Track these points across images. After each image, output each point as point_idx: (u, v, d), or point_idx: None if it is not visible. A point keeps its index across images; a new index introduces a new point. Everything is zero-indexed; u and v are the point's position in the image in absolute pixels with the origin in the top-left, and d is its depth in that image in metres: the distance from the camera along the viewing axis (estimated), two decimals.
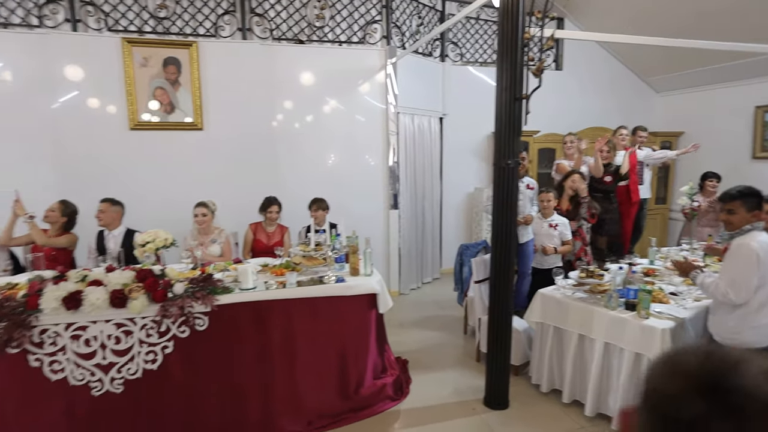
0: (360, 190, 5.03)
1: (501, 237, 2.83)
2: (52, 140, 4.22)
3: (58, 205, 3.52)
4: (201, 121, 4.52)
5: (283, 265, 3.02)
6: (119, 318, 2.41)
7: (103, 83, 4.26)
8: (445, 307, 4.99)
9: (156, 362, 2.49)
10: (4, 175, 4.12)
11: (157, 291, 2.43)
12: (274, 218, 3.91)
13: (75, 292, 2.32)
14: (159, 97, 4.40)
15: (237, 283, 2.74)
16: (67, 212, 3.54)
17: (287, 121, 4.83)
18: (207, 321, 2.52)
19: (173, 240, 2.84)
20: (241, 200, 4.37)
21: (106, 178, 4.25)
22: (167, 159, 4.48)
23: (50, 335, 2.33)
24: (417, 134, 5.45)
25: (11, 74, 4.12)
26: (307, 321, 2.74)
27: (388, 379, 3.10)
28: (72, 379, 2.39)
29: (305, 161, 4.92)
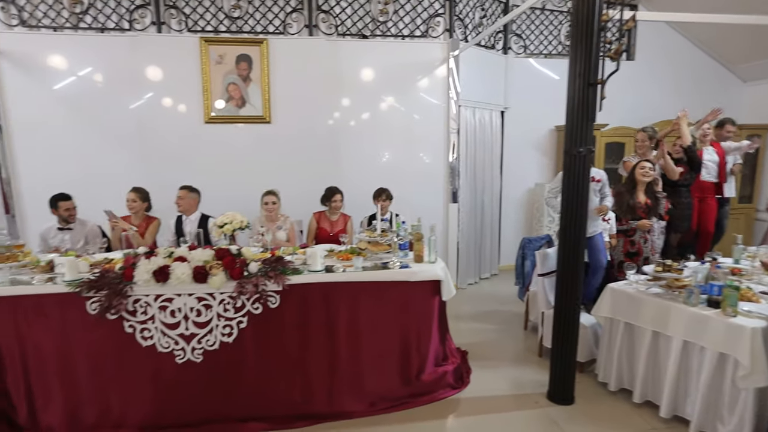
0: (419, 183, 5.05)
1: (569, 228, 2.75)
2: (137, 134, 4.60)
3: (134, 194, 3.82)
4: (269, 114, 4.74)
5: (349, 250, 3.11)
6: (200, 292, 2.59)
7: (182, 80, 4.58)
8: (503, 302, 4.91)
9: (232, 336, 2.65)
10: (94, 166, 4.56)
11: (235, 269, 2.59)
12: (338, 207, 4.03)
13: (164, 266, 2.52)
14: (232, 92, 4.66)
15: (306, 265, 2.85)
16: (145, 197, 3.86)
17: (349, 114, 4.94)
18: (278, 299, 2.66)
19: (248, 223, 3.02)
20: (303, 191, 4.53)
21: (182, 167, 4.56)
22: (237, 150, 4.74)
23: (142, 305, 2.55)
24: (478, 128, 5.39)
25: (104, 74, 4.53)
26: (371, 305, 2.81)
27: (449, 367, 3.10)
28: (159, 346, 2.60)
29: (365, 154, 5.02)
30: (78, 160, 4.56)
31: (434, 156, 5.12)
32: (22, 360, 2.56)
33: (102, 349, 2.58)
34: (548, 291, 3.52)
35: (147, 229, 3.79)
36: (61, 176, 4.35)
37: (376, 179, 4.47)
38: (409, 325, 2.90)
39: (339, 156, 4.91)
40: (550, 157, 6.07)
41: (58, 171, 4.47)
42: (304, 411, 2.79)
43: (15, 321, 2.52)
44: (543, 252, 3.54)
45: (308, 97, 4.77)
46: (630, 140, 5.58)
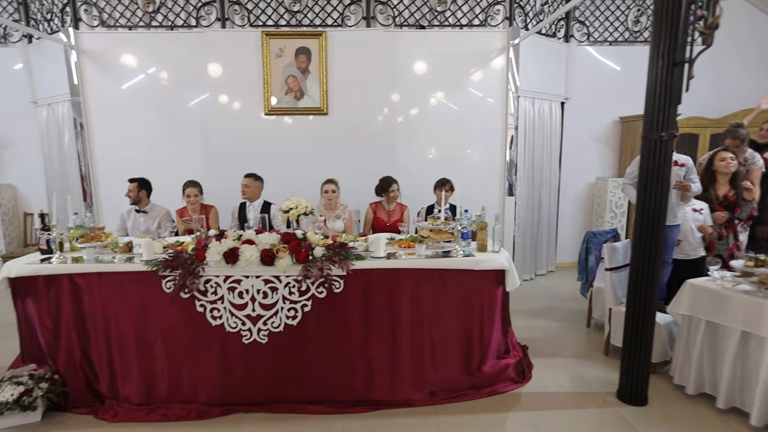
0: (475, 175, 4.95)
1: (648, 218, 2.59)
2: (200, 125, 4.79)
3: (195, 189, 3.95)
4: (326, 106, 4.79)
5: (410, 238, 3.08)
6: (267, 275, 2.65)
7: (243, 74, 4.71)
8: (562, 299, 4.73)
9: (296, 318, 2.70)
10: (161, 157, 4.80)
11: (300, 253, 2.62)
12: (395, 196, 4.02)
13: (233, 248, 2.60)
14: (291, 84, 4.75)
15: (368, 252, 2.86)
16: (201, 190, 4.00)
17: (405, 106, 4.91)
18: (342, 284, 2.67)
19: (312, 208, 3.07)
20: (359, 182, 4.56)
21: (242, 158, 4.70)
22: (295, 141, 4.83)
23: (212, 285, 2.65)
24: (537, 119, 5.21)
25: (172, 70, 4.75)
26: (434, 292, 2.77)
27: (511, 361, 3.01)
28: (227, 326, 2.69)
29: (421, 146, 4.98)
30: (147, 152, 4.81)
31: (491, 148, 5.00)
32: (105, 333, 2.73)
33: (175, 326, 2.70)
34: (617, 287, 3.34)
35: (208, 219, 3.92)
36: (132, 166, 4.61)
37: (432, 171, 4.42)
38: (471, 314, 2.84)
39: (394, 147, 4.90)
40: (613, 150, 5.78)
41: (129, 161, 4.73)
42: (365, 397, 2.80)
43: (100, 296, 2.69)
44: (611, 246, 3.37)
45: (365, 89, 4.78)
46: (704, 131, 5.22)
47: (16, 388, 2.58)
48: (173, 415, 2.70)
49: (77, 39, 4.65)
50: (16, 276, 2.71)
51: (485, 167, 4.99)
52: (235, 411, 2.74)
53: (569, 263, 5.95)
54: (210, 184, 4.66)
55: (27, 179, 5.54)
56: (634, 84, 5.40)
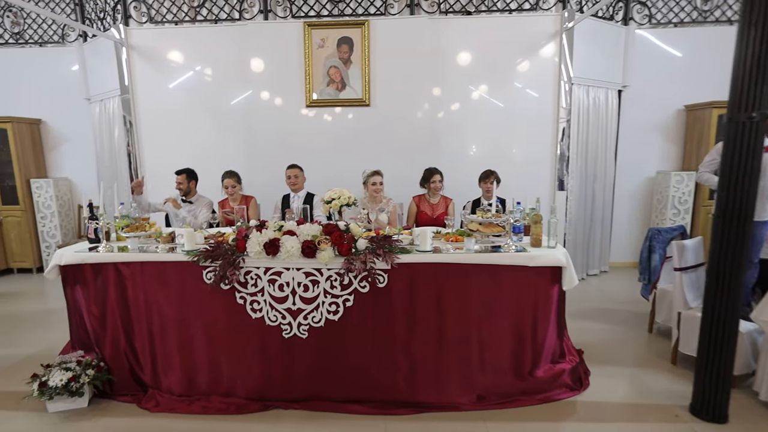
0: (523, 168, 4.69)
1: (731, 212, 2.28)
2: (243, 120, 4.79)
3: (233, 180, 3.92)
4: (368, 97, 4.67)
5: (458, 232, 2.90)
6: (308, 267, 2.55)
7: (285, 66, 4.67)
8: (619, 301, 4.40)
9: (338, 314, 2.58)
10: (206, 149, 4.84)
11: (343, 245, 2.51)
12: (438, 188, 3.84)
13: (274, 239, 2.51)
14: (332, 75, 4.67)
15: (413, 245, 2.70)
16: (239, 180, 3.97)
17: (450, 96, 4.71)
18: (386, 278, 2.53)
19: (355, 199, 2.95)
20: (402, 175, 4.42)
21: (284, 151, 4.67)
22: (337, 133, 4.75)
23: (252, 277, 2.57)
24: (591, 108, 4.87)
25: (216, 64, 4.77)
26: (483, 290, 2.58)
27: (566, 366, 2.77)
28: (267, 319, 2.61)
29: (466, 138, 4.77)
30: (191, 146, 4.87)
31: (540, 140, 4.72)
32: (148, 322, 2.72)
33: (215, 318, 2.65)
34: (687, 289, 3.02)
35: (248, 210, 3.90)
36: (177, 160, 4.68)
37: (477, 165, 4.21)
38: (523, 314, 2.62)
39: (438, 140, 4.71)
40: (675, 142, 5.33)
41: (174, 155, 4.80)
42: (408, 398, 2.65)
43: (143, 285, 2.68)
44: (680, 243, 3.05)
45: (408, 79, 4.63)
46: None
47: (65, 373, 2.61)
48: (213, 407, 2.65)
49: (127, 35, 4.76)
50: (65, 264, 2.75)
51: (534, 160, 4.72)
52: (274, 407, 2.66)
53: (624, 263, 5.56)
54: (252, 177, 4.66)
55: (81, 173, 5.77)
56: (701, 69, 4.99)
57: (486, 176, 3.83)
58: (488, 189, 3.67)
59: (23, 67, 5.58)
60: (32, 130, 5.59)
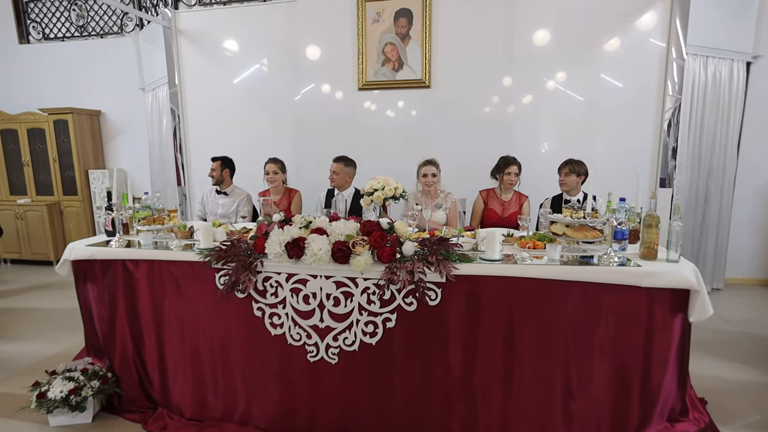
0: (615, 159, 3.82)
1: None
2: (291, 106, 4.37)
3: (274, 165, 3.47)
4: (429, 77, 4.06)
5: (537, 236, 2.22)
6: (340, 275, 2.01)
7: (337, 44, 4.18)
8: (742, 329, 3.43)
9: (375, 336, 2.01)
10: (252, 137, 4.48)
11: (384, 248, 1.93)
12: (512, 182, 3.14)
13: (298, 238, 2.00)
14: (388, 53, 4.11)
15: (477, 252, 2.07)
16: (284, 168, 3.52)
17: (525, 77, 3.94)
18: (440, 294, 1.93)
19: (404, 190, 2.35)
20: (467, 166, 3.80)
21: (335, 139, 4.20)
22: (393, 119, 4.19)
23: (272, 284, 2.08)
24: (710, 85, 3.90)
25: (264, 45, 4.39)
26: (571, 315, 1.89)
27: (691, 428, 1.99)
28: (290, 337, 2.10)
29: (543, 124, 3.99)
30: (239, 134, 4.54)
31: (639, 125, 3.82)
32: (157, 332, 2.32)
33: (229, 331, 2.19)
34: None
35: (290, 205, 3.44)
36: (223, 150, 4.37)
37: (557, 155, 3.44)
38: (629, 352, 1.89)
39: (511, 127, 3.99)
40: None
41: (220, 144, 4.50)
42: None
43: (151, 287, 2.28)
44: None
45: (475, 57, 3.94)
46: None
47: (66, 384, 2.29)
48: None
49: (175, 19, 4.53)
50: (75, 259, 2.42)
51: (631, 148, 3.83)
52: None
53: (745, 279, 4.48)
54: (302, 171, 4.25)
55: (137, 164, 5.70)
56: None
57: (564, 166, 3.05)
58: (564, 183, 2.94)
59: (86, 58, 5.60)
60: (92, 121, 5.61)
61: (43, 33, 5.77)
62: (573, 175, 2.98)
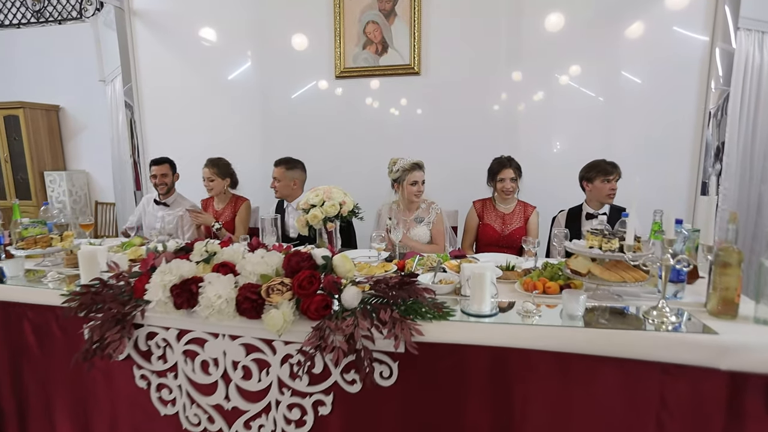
0: (645, 161, 3.11)
1: None
2: (256, 95, 3.72)
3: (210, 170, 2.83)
4: (418, 63, 3.38)
5: (549, 272, 1.52)
6: (250, 336, 1.35)
7: (311, 23, 3.52)
8: None
9: (303, 426, 1.34)
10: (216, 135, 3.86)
11: (313, 297, 1.26)
12: (511, 190, 2.42)
13: (190, 279, 1.34)
14: (370, 34, 3.43)
15: (461, 298, 1.39)
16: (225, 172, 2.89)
17: (535, 63, 3.22)
18: (396, 371, 1.25)
19: (355, 206, 1.65)
20: (460, 170, 3.14)
21: (306, 136, 3.56)
22: (375, 112, 3.52)
23: (159, 343, 1.42)
24: (765, 68, 3.16)
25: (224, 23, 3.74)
26: (601, 410, 1.20)
27: None
28: (185, 420, 1.45)
29: (556, 120, 3.28)
30: (199, 130, 3.92)
31: (676, 119, 3.11)
32: (17, 399, 1.68)
33: (106, 406, 1.54)
34: None
35: (235, 217, 2.78)
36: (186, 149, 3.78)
37: (573, 159, 2.75)
38: None
39: (516, 123, 3.29)
40: None
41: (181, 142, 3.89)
42: None
43: (8, 338, 1.64)
44: None
45: (476, 39, 3.26)
46: None
47: None
48: None
49: None
50: None
51: (667, 147, 3.12)
52: None
53: None
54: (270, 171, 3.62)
55: (100, 166, 5.10)
56: None
57: (599, 171, 2.35)
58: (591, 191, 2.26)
59: (42, 47, 5.02)
60: (49, 117, 5.02)
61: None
62: (606, 181, 2.29)
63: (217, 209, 2.79)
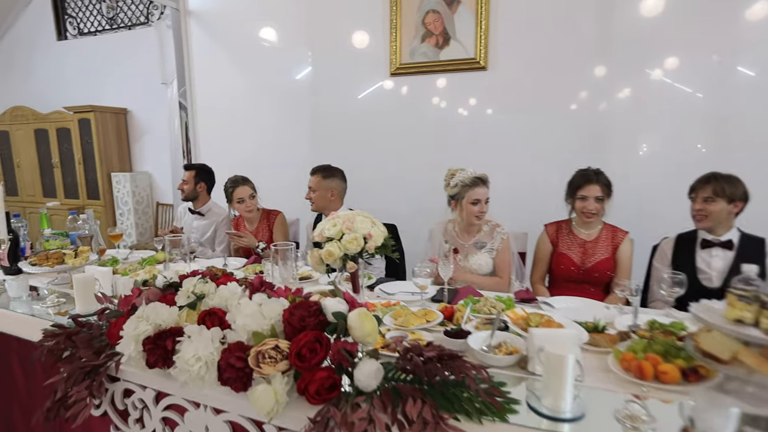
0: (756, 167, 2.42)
1: None
2: (307, 101, 3.48)
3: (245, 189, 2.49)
4: (485, 56, 2.93)
5: (658, 345, 1.04)
6: (236, 413, 1.02)
7: (364, 16, 3.20)
8: None
9: None
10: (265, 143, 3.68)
11: (315, 373, 0.91)
12: (590, 211, 1.89)
13: (166, 332, 1.04)
14: (430, 25, 3.04)
15: (527, 377, 0.97)
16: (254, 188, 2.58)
17: (625, 58, 2.65)
18: None
19: (387, 239, 1.24)
20: (536, 181, 2.64)
21: (359, 141, 3.26)
22: (434, 114, 3.12)
23: (136, 403, 1.15)
24: None
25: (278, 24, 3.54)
26: None
27: None
28: None
29: (650, 128, 2.68)
30: (247, 133, 3.77)
31: None
32: None
33: None
34: None
35: (272, 232, 2.49)
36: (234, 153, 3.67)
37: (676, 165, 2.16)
38: None
39: (604, 129, 2.74)
40: None
41: (229, 146, 3.78)
42: None
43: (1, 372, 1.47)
44: None
45: (552, 28, 2.76)
46: None
47: None
48: None
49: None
50: None
51: None
52: None
53: None
54: None
55: (160, 167, 5.17)
56: None
57: (698, 187, 1.78)
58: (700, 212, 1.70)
59: (113, 52, 5.18)
60: (117, 120, 5.17)
61: (78, 28, 5.46)
62: (721, 200, 1.71)
63: (250, 230, 2.52)
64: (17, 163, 5.50)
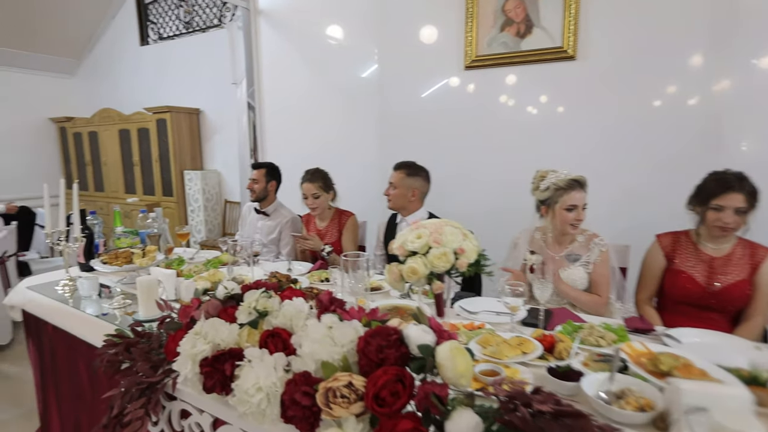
0: None
1: None
2: (376, 97, 3.34)
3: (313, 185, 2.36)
4: (574, 44, 2.62)
5: None
6: None
7: (436, 9, 3.00)
8: None
9: None
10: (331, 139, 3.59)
11: (397, 421, 0.73)
12: (728, 226, 1.52)
13: (225, 354, 0.91)
14: (510, 12, 2.78)
15: None
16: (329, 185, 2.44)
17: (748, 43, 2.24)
18: None
19: (481, 255, 1.03)
20: (639, 187, 2.30)
21: (429, 139, 3.06)
22: (515, 111, 2.85)
23: (192, 427, 1.03)
24: None
25: (344, 19, 3.44)
26: None
27: None
28: None
29: None
30: (311, 131, 3.71)
31: None
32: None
33: None
34: None
35: (341, 235, 2.36)
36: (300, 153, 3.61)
37: None
38: None
39: (717, 123, 2.33)
40: None
41: (297, 144, 3.75)
42: None
43: (69, 368, 1.44)
44: None
45: (654, 13, 2.40)
46: None
47: None
48: None
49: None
50: (11, 304, 1.72)
51: None
52: None
53: None
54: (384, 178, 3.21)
55: (229, 166, 5.29)
56: None
57: None
58: None
59: (188, 55, 5.38)
60: (191, 120, 5.35)
61: (158, 33, 5.74)
62: None
63: (320, 228, 2.41)
64: (104, 162, 5.88)
